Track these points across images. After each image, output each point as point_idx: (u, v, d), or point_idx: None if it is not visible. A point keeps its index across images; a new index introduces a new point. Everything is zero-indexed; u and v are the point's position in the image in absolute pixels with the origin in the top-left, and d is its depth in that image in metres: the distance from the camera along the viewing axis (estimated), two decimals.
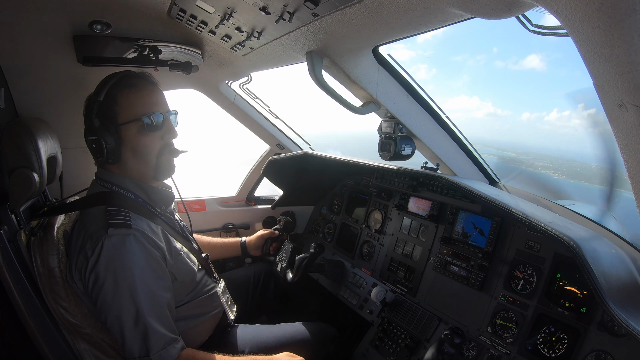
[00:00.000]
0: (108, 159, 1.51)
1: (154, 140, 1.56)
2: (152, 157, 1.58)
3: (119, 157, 1.53)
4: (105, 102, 1.49)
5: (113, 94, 1.50)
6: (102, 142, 1.47)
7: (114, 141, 1.49)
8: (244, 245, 2.55)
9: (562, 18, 0.67)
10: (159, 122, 1.55)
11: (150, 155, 1.57)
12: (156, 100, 1.58)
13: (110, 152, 1.50)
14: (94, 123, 1.48)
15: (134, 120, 1.51)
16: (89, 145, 1.51)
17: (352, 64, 1.70)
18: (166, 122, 1.59)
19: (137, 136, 1.52)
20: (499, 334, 1.82)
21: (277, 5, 1.23)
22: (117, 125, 1.50)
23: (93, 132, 1.48)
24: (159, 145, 1.58)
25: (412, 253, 2.38)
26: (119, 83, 1.52)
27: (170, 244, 1.59)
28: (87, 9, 1.60)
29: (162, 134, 1.58)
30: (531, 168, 8.80)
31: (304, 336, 2.07)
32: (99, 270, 1.35)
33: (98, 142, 1.48)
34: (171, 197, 1.76)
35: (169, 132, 1.60)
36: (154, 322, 1.39)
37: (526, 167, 8.36)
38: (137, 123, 1.51)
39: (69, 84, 2.01)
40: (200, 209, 3.12)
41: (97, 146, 1.48)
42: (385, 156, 2.07)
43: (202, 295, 1.77)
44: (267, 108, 2.92)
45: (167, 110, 1.61)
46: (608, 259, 1.46)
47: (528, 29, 1.10)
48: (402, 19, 1.18)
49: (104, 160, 1.51)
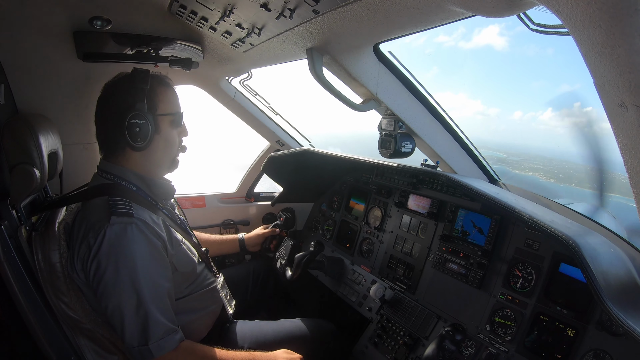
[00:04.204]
0: (146, 144, 1.55)
1: (176, 136, 1.70)
2: (175, 150, 1.71)
3: (149, 145, 1.57)
4: (150, 91, 1.55)
5: (153, 86, 1.58)
6: (149, 126, 1.53)
7: (154, 128, 1.56)
8: (243, 242, 2.56)
9: (563, 17, 0.67)
10: (182, 120, 1.70)
11: (175, 147, 1.70)
12: (179, 100, 1.72)
13: (150, 138, 1.55)
14: (141, 107, 1.51)
15: (170, 114, 1.63)
16: (130, 128, 1.49)
17: (352, 61, 1.70)
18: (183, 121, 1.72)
19: (169, 129, 1.64)
20: (498, 332, 1.82)
21: (277, 2, 1.23)
22: (156, 115, 1.58)
23: (139, 116, 1.50)
24: (178, 140, 1.71)
25: (412, 250, 2.38)
26: (154, 78, 1.60)
27: (171, 234, 1.60)
28: (87, 5, 1.60)
29: (180, 131, 1.72)
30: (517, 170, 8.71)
31: (303, 332, 2.08)
32: (101, 257, 1.36)
33: (144, 126, 1.51)
34: (172, 190, 1.78)
35: (184, 130, 1.74)
36: (154, 310, 1.40)
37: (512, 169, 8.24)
38: (171, 117, 1.64)
39: (69, 80, 2.01)
40: (200, 205, 3.12)
41: (142, 130, 1.51)
42: (385, 153, 2.07)
43: (201, 289, 1.77)
44: (267, 105, 2.92)
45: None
46: (607, 258, 1.46)
47: (529, 27, 1.10)
48: (403, 16, 1.18)
49: (141, 146, 1.54)
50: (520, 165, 17.80)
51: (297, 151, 2.58)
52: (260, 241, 2.62)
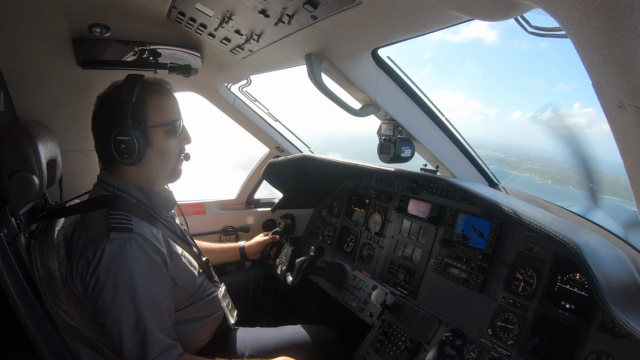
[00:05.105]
0: (136, 160, 1.50)
1: (175, 145, 1.63)
2: (172, 161, 1.64)
3: (141, 159, 1.52)
4: (137, 103, 1.50)
5: (143, 96, 1.52)
6: (135, 142, 1.46)
7: (143, 142, 1.50)
8: (243, 250, 2.55)
9: (560, 19, 0.67)
10: (181, 128, 1.63)
11: (172, 158, 1.63)
12: (178, 107, 1.65)
13: (140, 153, 1.49)
14: (126, 123, 1.46)
15: (163, 125, 1.55)
16: (116, 145, 1.46)
17: (351, 67, 1.70)
18: (183, 128, 1.66)
19: (163, 140, 1.57)
20: (500, 336, 1.81)
21: (276, 8, 1.24)
22: (146, 128, 1.52)
23: (124, 132, 1.46)
24: (177, 150, 1.65)
25: (412, 255, 2.38)
26: (146, 87, 1.54)
27: (171, 248, 1.58)
28: (87, 12, 1.60)
29: (180, 140, 1.65)
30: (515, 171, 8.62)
31: (304, 339, 2.06)
32: (100, 273, 1.35)
33: (130, 143, 1.46)
34: (173, 201, 1.76)
35: (186, 138, 1.68)
36: (153, 327, 1.38)
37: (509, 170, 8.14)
38: (166, 127, 1.57)
39: (68, 87, 2.01)
40: (200, 212, 3.12)
41: (128, 146, 1.46)
42: (384, 158, 2.07)
43: (202, 299, 1.76)
44: (266, 111, 2.92)
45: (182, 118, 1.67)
46: (608, 260, 1.46)
47: (527, 30, 1.10)
48: (401, 21, 1.19)
49: (130, 162, 1.49)
50: (519, 166, 17.71)
51: (296, 157, 2.58)
52: (260, 249, 2.62)
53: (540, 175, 27.18)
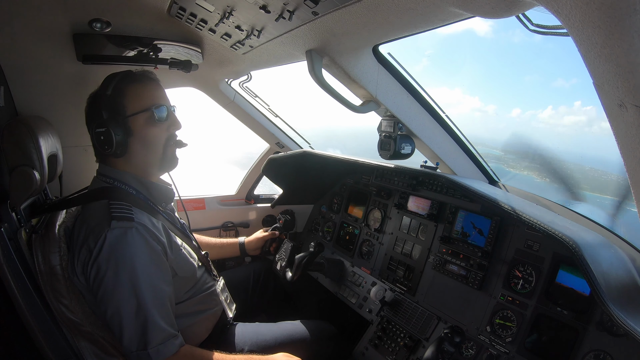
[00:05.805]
0: (116, 151, 1.53)
1: (161, 131, 1.62)
2: (159, 148, 1.63)
3: (126, 149, 1.55)
4: (113, 95, 1.54)
5: (120, 88, 1.55)
6: (112, 133, 1.49)
7: (122, 132, 1.53)
8: (243, 246, 2.55)
9: (562, 17, 0.67)
10: (165, 114, 1.62)
11: (158, 145, 1.63)
12: (161, 94, 1.66)
13: (119, 144, 1.52)
14: (102, 115, 1.51)
15: (142, 111, 1.57)
16: (97, 138, 1.52)
17: (352, 63, 1.70)
18: (171, 114, 1.66)
19: (145, 127, 1.58)
20: (498, 333, 1.82)
21: (277, 4, 1.23)
22: (125, 117, 1.54)
23: (101, 124, 1.50)
24: (165, 136, 1.65)
25: (412, 252, 2.38)
26: (124, 79, 1.58)
27: (171, 239, 1.60)
28: (87, 7, 1.60)
29: (168, 125, 1.65)
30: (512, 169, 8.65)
31: (303, 334, 2.08)
32: (101, 261, 1.36)
33: (107, 134, 1.50)
34: (171, 194, 1.78)
35: (174, 123, 1.67)
36: (154, 314, 1.40)
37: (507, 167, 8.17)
38: (146, 114, 1.57)
39: (69, 82, 2.01)
40: (200, 208, 3.12)
41: (106, 138, 1.50)
42: (384, 155, 2.07)
43: (201, 292, 1.77)
44: (266, 106, 2.92)
45: (170, 104, 1.67)
46: (607, 258, 1.46)
47: (528, 28, 1.10)
48: (402, 17, 1.18)
49: (112, 152, 1.53)
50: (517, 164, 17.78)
51: (296, 153, 2.58)
52: (260, 245, 2.62)
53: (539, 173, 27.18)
